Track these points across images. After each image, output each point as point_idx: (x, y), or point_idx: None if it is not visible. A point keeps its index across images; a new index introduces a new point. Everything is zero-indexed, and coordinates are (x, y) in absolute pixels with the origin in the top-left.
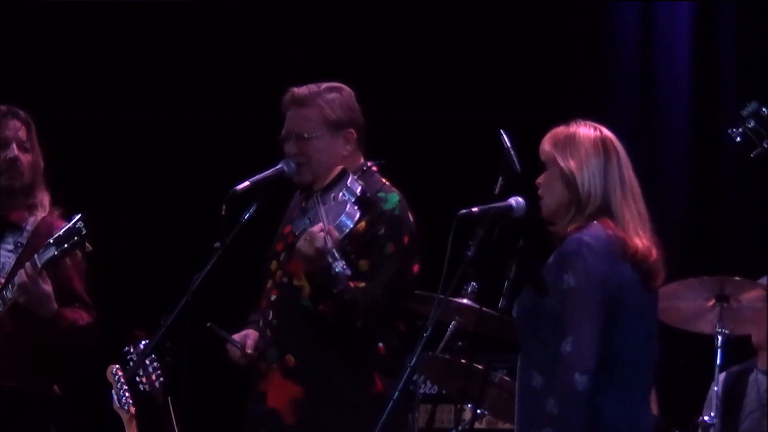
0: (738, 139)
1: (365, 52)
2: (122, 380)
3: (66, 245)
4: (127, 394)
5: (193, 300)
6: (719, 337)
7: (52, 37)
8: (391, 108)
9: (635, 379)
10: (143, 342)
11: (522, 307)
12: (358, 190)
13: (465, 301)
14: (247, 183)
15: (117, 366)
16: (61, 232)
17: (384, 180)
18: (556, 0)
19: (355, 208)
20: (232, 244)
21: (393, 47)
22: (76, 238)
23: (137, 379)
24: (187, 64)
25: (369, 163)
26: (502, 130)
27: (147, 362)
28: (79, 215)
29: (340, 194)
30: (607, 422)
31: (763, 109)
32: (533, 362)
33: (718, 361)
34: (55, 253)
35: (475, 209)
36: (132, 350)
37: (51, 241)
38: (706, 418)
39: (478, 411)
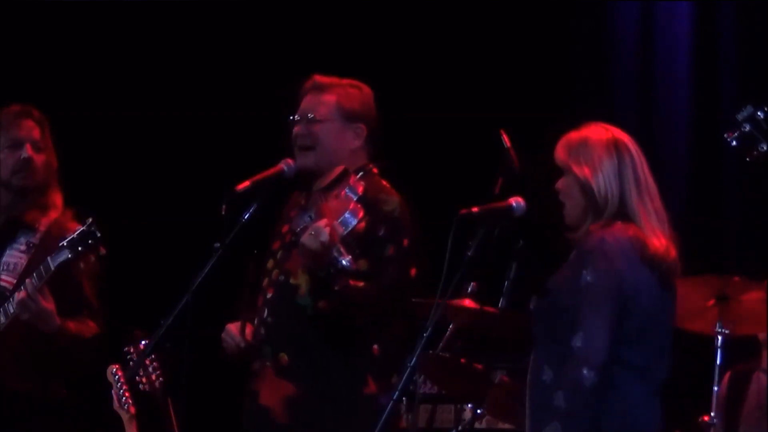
0: (734, 143)
1: (365, 52)
2: (122, 380)
3: (80, 248)
4: (127, 394)
5: (193, 300)
6: (719, 337)
7: (53, 37)
8: (392, 108)
9: (643, 380)
10: (143, 342)
11: (539, 301)
12: (360, 189)
13: (465, 301)
14: (247, 183)
15: (117, 366)
16: (74, 235)
17: (384, 182)
18: (556, 0)
19: (359, 206)
20: (232, 244)
21: (393, 47)
22: (90, 241)
23: (137, 379)
24: (187, 64)
25: (370, 165)
26: (502, 130)
27: (147, 362)
28: (92, 218)
29: (343, 192)
30: (609, 419)
31: (758, 113)
32: (546, 356)
33: (718, 361)
34: (69, 256)
35: (475, 209)
36: (132, 350)
37: (65, 243)
38: (706, 418)
39: (478, 411)
